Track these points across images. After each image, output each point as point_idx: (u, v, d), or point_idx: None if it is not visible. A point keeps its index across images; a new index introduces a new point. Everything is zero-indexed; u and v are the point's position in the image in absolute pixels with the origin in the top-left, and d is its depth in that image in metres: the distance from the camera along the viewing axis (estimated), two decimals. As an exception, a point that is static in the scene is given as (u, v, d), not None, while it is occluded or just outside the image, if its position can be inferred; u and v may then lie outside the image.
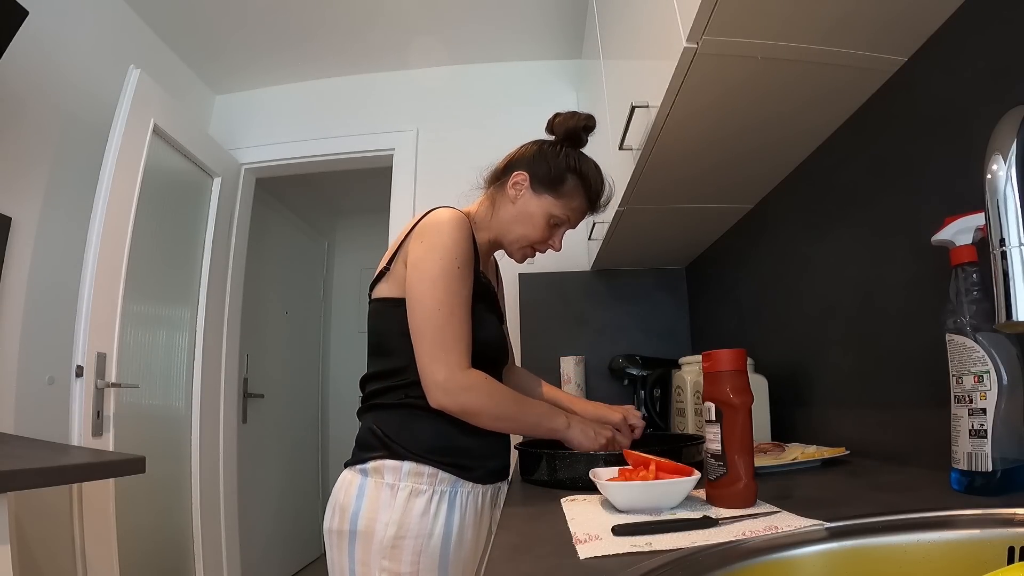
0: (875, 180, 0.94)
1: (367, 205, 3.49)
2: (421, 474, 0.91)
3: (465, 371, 0.89)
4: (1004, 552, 0.44)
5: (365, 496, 0.91)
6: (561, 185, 1.03)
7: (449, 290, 0.89)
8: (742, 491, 0.63)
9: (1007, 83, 0.67)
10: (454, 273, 0.90)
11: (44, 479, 0.96)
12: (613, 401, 1.98)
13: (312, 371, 3.73)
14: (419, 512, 0.90)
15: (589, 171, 1.05)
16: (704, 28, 0.76)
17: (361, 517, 0.90)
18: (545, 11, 2.09)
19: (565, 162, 1.04)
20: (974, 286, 0.60)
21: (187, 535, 2.03)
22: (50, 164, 1.68)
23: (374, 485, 0.91)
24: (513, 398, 0.94)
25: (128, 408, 1.76)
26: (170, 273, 2.07)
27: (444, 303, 0.89)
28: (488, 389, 0.91)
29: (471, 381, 0.89)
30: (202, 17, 2.07)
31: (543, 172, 1.03)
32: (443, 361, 0.88)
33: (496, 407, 0.91)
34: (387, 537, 0.88)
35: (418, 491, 0.90)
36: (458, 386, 0.88)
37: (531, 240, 1.05)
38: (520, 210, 1.04)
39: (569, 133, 1.07)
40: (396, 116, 2.38)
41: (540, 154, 1.06)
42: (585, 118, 1.07)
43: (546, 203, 1.03)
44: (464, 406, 0.89)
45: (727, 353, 0.67)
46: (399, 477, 0.91)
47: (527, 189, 1.04)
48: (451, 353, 0.88)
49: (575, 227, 1.11)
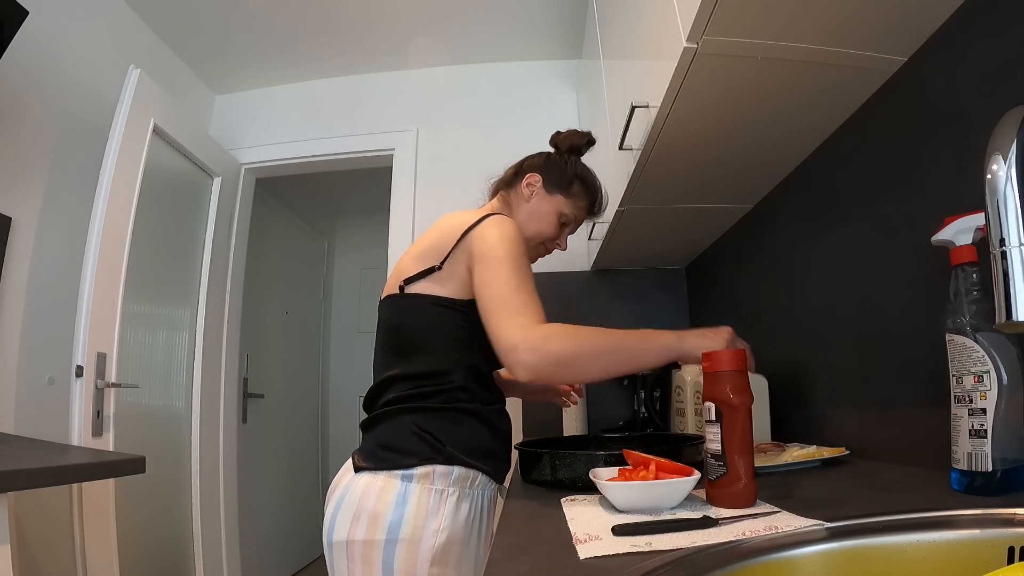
0: (875, 180, 0.94)
1: (367, 205, 3.49)
2: (467, 479, 0.91)
3: (541, 324, 0.85)
4: (1004, 552, 0.44)
5: (409, 503, 0.86)
6: (570, 187, 1.12)
7: (517, 268, 0.89)
8: (742, 491, 0.63)
9: (1007, 83, 0.67)
10: (521, 255, 0.91)
11: (44, 479, 0.96)
12: (613, 402, 1.99)
13: (312, 371, 3.73)
14: (464, 517, 0.89)
15: (592, 178, 1.16)
16: (704, 28, 0.76)
17: (405, 525, 0.85)
18: (545, 11, 2.09)
19: (572, 169, 1.14)
20: (974, 286, 0.60)
21: (187, 535, 2.03)
22: (50, 164, 1.68)
23: (422, 491, 0.87)
24: (601, 330, 0.86)
25: (128, 408, 1.76)
26: (170, 273, 2.07)
27: (511, 277, 0.88)
28: (571, 330, 0.84)
29: (551, 329, 0.84)
30: (202, 17, 2.07)
31: (554, 175, 1.13)
32: (515, 323, 0.84)
33: (591, 344, 0.85)
34: (438, 544, 0.86)
35: (465, 495, 0.90)
36: (539, 337, 0.82)
37: (545, 236, 1.12)
38: (534, 208, 1.11)
39: (572, 147, 1.17)
40: (396, 116, 2.38)
41: (550, 160, 1.16)
42: (587, 135, 1.18)
43: (558, 202, 1.12)
44: (556, 354, 0.82)
45: (727, 353, 0.67)
46: (449, 482, 0.89)
47: (540, 189, 1.12)
48: (522, 314, 0.85)
49: (576, 230, 1.19)
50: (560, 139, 1.19)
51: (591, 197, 1.15)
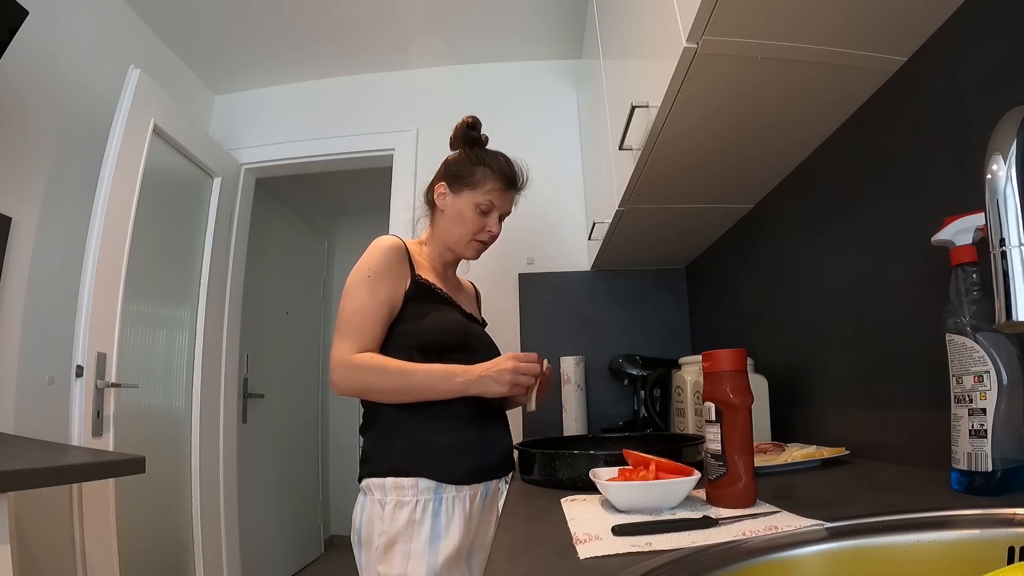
0: (875, 180, 0.94)
1: (367, 205, 3.48)
2: (402, 486, 0.99)
3: (354, 353, 1.01)
4: (1004, 552, 0.43)
5: (364, 512, 1.02)
6: (473, 177, 1.17)
7: (354, 296, 1.04)
8: (742, 491, 0.63)
9: (1007, 83, 0.67)
10: (364, 282, 1.05)
11: (44, 479, 0.96)
12: (613, 402, 1.99)
13: (312, 371, 3.73)
14: (404, 521, 0.97)
15: (491, 158, 1.20)
16: (704, 28, 0.76)
17: (362, 531, 1.01)
18: (545, 11, 2.09)
19: (468, 159, 1.20)
20: (974, 286, 0.60)
21: (187, 535, 2.03)
22: (50, 164, 1.68)
23: (369, 502, 1.01)
24: (400, 370, 1.01)
25: (128, 408, 1.76)
26: (170, 273, 2.07)
27: (349, 306, 1.04)
28: (371, 365, 1.00)
29: (358, 360, 1.00)
30: (202, 17, 2.07)
31: (454, 175, 1.19)
32: (338, 348, 1.01)
33: (381, 381, 1.00)
34: (380, 546, 0.97)
35: (402, 503, 0.98)
36: (346, 364, 1.00)
37: (470, 233, 1.17)
38: (450, 213, 1.18)
39: (462, 138, 1.23)
40: (396, 116, 2.37)
41: (448, 164, 1.22)
42: (466, 121, 1.23)
43: (467, 197, 1.17)
44: (354, 383, 1.01)
45: (727, 353, 0.67)
46: (384, 492, 0.99)
47: (449, 194, 1.19)
48: (344, 341, 1.01)
49: (506, 210, 1.21)
50: (452, 140, 1.25)
51: (499, 174, 1.17)
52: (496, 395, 1.01)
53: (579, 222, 2.09)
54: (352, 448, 3.72)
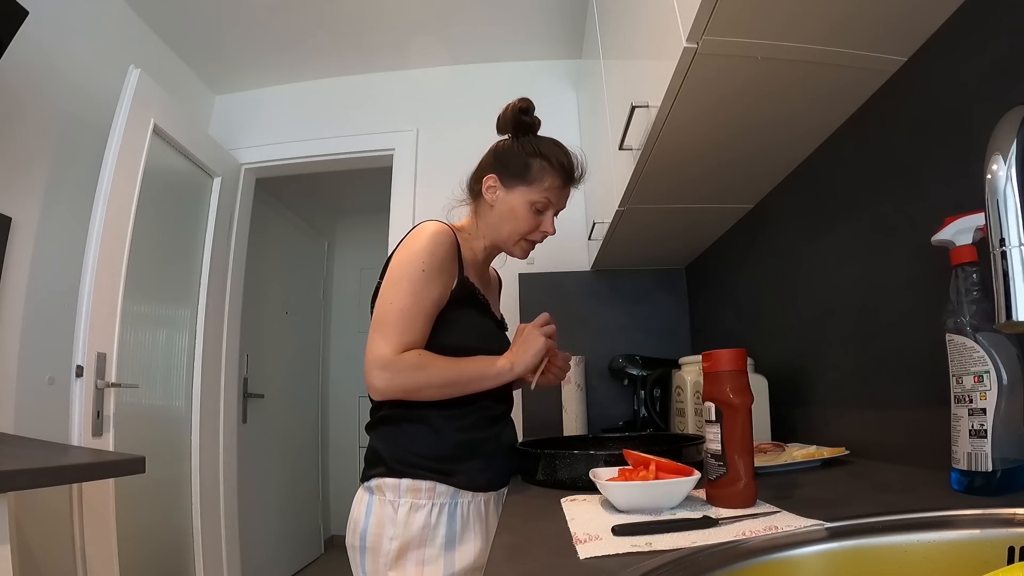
0: (875, 180, 0.94)
1: (367, 205, 3.49)
2: (419, 489, 0.93)
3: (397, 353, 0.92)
4: (1004, 552, 0.43)
5: (372, 513, 0.94)
6: (528, 172, 1.06)
7: (407, 290, 0.94)
8: (742, 491, 0.63)
9: (1007, 83, 0.67)
10: (417, 275, 0.95)
11: (44, 479, 0.96)
12: (613, 402, 1.99)
13: (312, 371, 3.73)
14: (419, 526, 0.92)
15: (548, 149, 1.07)
16: (704, 28, 0.76)
17: (369, 534, 0.94)
18: (545, 11, 2.09)
19: (523, 150, 1.07)
20: (974, 286, 0.60)
21: (187, 535, 2.03)
22: (50, 164, 1.68)
23: (379, 503, 0.95)
24: (448, 363, 0.94)
25: (128, 408, 1.76)
26: (170, 273, 2.07)
27: (397, 300, 0.94)
28: (419, 363, 0.92)
29: (404, 361, 0.92)
30: (202, 17, 2.07)
31: (507, 167, 1.07)
32: (380, 346, 0.91)
33: (431, 379, 0.92)
34: (392, 551, 0.92)
35: (417, 506, 0.93)
36: (391, 366, 0.91)
37: (521, 232, 1.08)
38: (501, 210, 1.07)
39: (513, 124, 1.10)
40: (396, 116, 2.37)
41: (499, 153, 1.10)
42: (516, 103, 1.09)
43: (522, 194, 1.06)
44: (399, 385, 0.91)
45: (727, 353, 0.67)
46: (398, 494, 0.94)
47: (500, 188, 1.07)
48: (388, 340, 0.92)
49: (562, 206, 1.12)
50: (499, 123, 1.11)
51: (558, 169, 1.06)
52: (537, 362, 0.98)
53: (579, 222, 2.10)
54: (352, 448, 3.73)
